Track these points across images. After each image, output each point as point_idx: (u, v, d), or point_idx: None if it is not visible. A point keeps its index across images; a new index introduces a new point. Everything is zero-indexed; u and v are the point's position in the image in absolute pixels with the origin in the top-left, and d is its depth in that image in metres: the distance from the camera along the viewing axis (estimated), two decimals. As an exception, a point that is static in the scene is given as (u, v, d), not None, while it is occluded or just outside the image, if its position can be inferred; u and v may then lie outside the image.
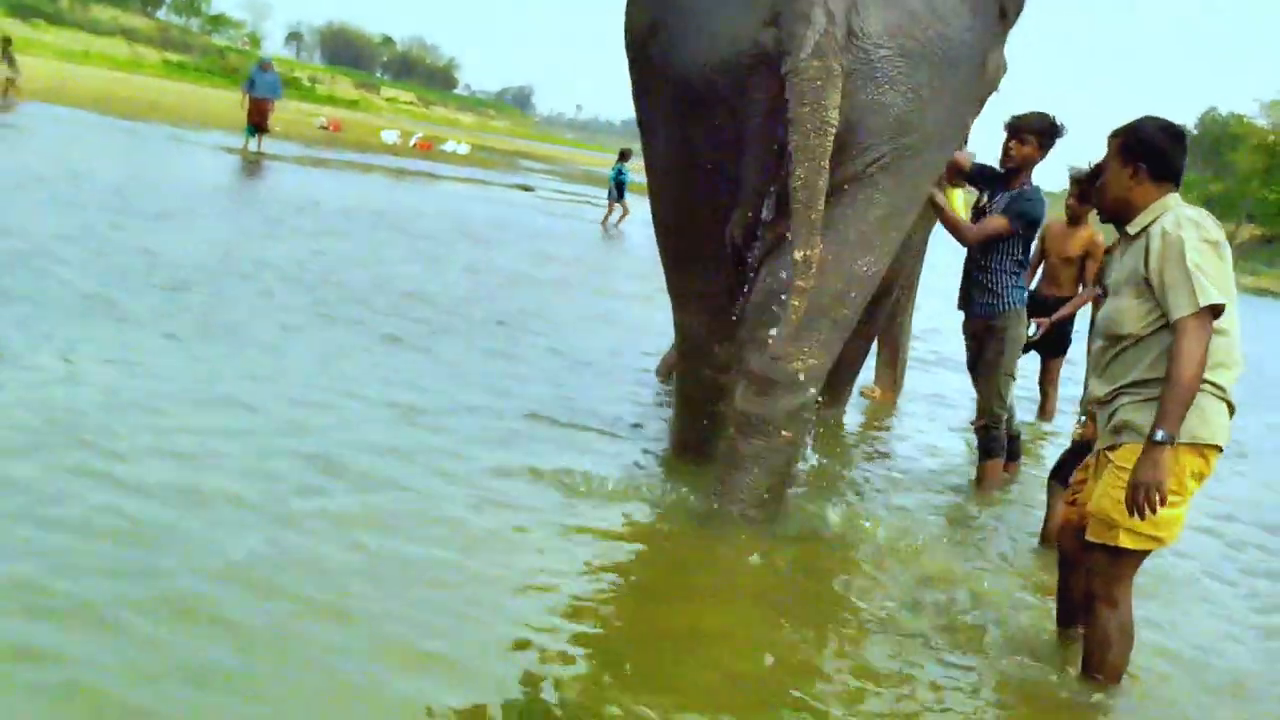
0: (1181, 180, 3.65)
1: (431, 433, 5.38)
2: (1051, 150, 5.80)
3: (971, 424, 6.38)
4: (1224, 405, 3.53)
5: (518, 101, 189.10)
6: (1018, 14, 5.64)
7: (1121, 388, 3.57)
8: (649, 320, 9.54)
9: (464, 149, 40.75)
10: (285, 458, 4.69)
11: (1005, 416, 5.99)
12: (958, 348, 6.33)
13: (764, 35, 4.08)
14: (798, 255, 3.95)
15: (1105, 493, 3.56)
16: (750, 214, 4.42)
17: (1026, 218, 5.67)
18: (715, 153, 4.41)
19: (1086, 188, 6.08)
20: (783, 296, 4.16)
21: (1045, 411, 8.47)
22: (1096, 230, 7.13)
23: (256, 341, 6.53)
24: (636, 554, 4.42)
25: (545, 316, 9.26)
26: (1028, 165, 5.74)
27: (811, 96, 3.89)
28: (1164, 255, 3.45)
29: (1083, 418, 4.58)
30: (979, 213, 5.96)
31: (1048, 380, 8.41)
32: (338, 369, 6.26)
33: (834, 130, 3.93)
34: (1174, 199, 3.60)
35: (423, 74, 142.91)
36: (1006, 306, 5.80)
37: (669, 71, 4.47)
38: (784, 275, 4.20)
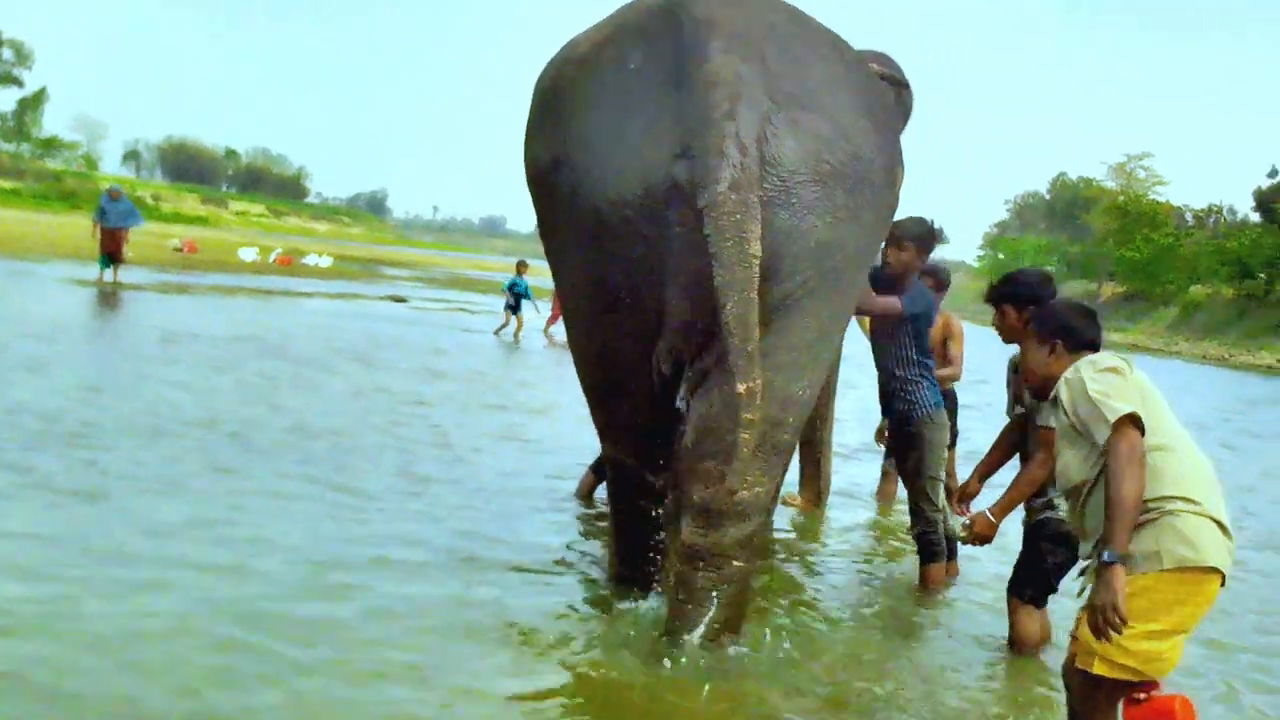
0: (1100, 347, 3.93)
1: (343, 602, 4.89)
2: (930, 253, 6.01)
3: (908, 531, 6.32)
4: (1208, 522, 3.45)
5: (372, 206, 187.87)
6: (906, 121, 6.10)
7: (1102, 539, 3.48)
8: (553, 436, 9.28)
9: (326, 261, 40.13)
10: (202, 629, 4.31)
11: (940, 518, 5.98)
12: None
13: (676, 169, 4.01)
14: (740, 389, 3.85)
15: (1084, 619, 3.51)
16: (676, 345, 4.33)
17: (919, 320, 5.88)
18: (634, 285, 4.29)
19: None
20: (717, 428, 4.17)
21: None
22: (950, 314, 7.23)
23: (184, 491, 6.06)
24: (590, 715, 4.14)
25: (448, 442, 8.91)
26: (908, 272, 5.89)
27: (732, 231, 3.82)
28: (1072, 399, 3.63)
29: (967, 521, 4.69)
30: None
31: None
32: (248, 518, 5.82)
33: (758, 261, 3.86)
34: (1083, 359, 3.80)
35: (271, 185, 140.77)
36: (920, 413, 5.92)
37: (578, 205, 4.35)
38: (717, 407, 4.20)
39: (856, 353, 7.10)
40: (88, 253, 21.39)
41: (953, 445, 7.69)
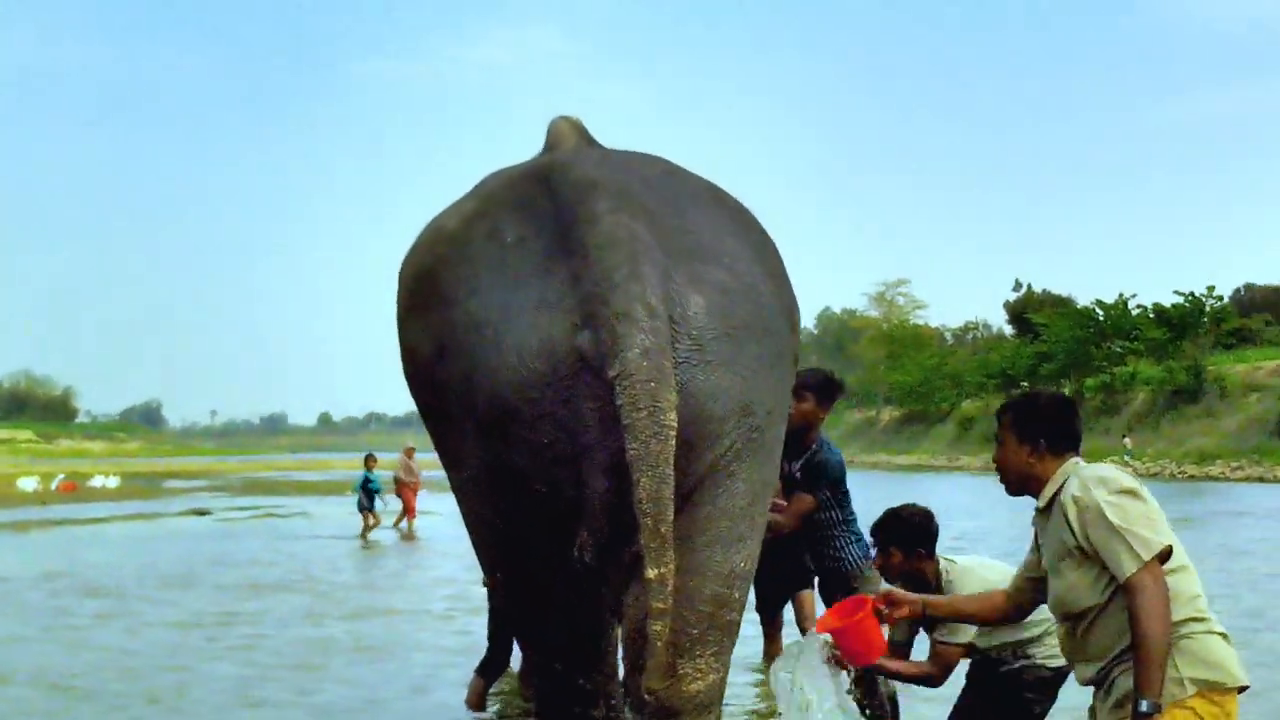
0: (1080, 443, 3.70)
1: None
2: (832, 403, 5.88)
3: (848, 692, 5.95)
4: (1216, 638, 3.39)
5: (146, 418, 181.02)
6: None
7: (1112, 661, 3.41)
8: (433, 641, 9.15)
9: (114, 482, 38.49)
10: None
11: (880, 677, 5.65)
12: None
13: (580, 340, 3.66)
14: (651, 574, 3.49)
15: None
16: (599, 533, 3.92)
17: (829, 478, 5.76)
18: (547, 471, 3.88)
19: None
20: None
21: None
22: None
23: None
24: None
25: (324, 666, 8.52)
26: (812, 423, 5.82)
27: (646, 400, 3.49)
28: (1084, 522, 3.41)
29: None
30: (785, 481, 5.76)
31: (803, 617, 6.77)
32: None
33: (674, 433, 3.53)
34: (1073, 463, 3.62)
35: (38, 408, 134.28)
36: (849, 568, 5.77)
37: (472, 394, 3.95)
38: (641, 595, 3.78)
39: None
40: None
41: (807, 584, 6.88)
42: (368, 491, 19.70)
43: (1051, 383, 63.08)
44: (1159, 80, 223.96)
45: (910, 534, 4.75)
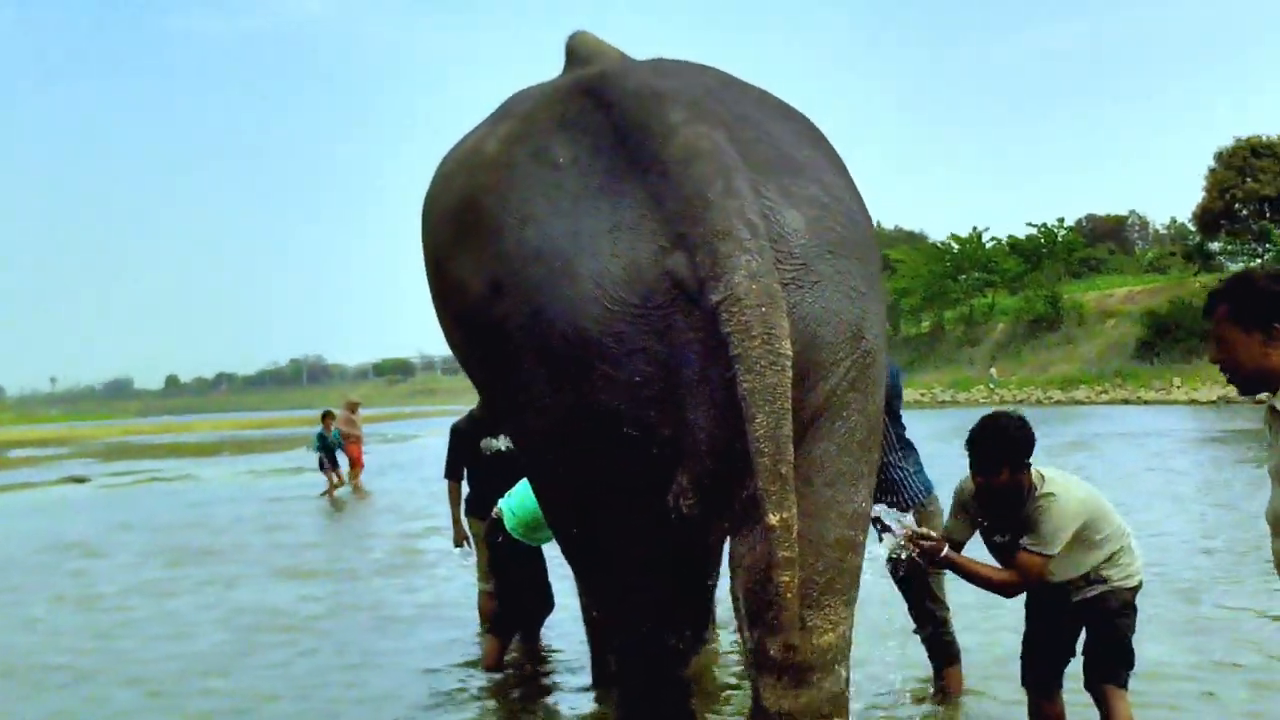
0: None
1: None
2: None
3: (915, 633, 5.76)
4: None
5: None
6: None
7: None
8: (422, 601, 8.80)
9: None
10: None
11: (949, 615, 5.60)
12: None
13: (672, 263, 3.30)
14: (773, 520, 3.18)
15: None
16: (703, 477, 3.55)
17: (893, 400, 5.45)
18: (640, 412, 3.49)
19: None
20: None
21: None
22: None
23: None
24: None
25: (315, 627, 8.11)
26: None
27: (759, 327, 3.16)
28: None
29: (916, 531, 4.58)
30: None
31: None
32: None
33: (790, 362, 3.20)
34: None
35: None
36: (911, 501, 5.46)
37: (542, 333, 3.55)
38: (763, 543, 3.43)
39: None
40: None
41: None
42: (327, 448, 18.75)
43: (912, 317, 64.85)
44: (1003, 16, 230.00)
45: (1022, 447, 4.44)
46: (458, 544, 7.50)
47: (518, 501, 6.21)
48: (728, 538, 3.65)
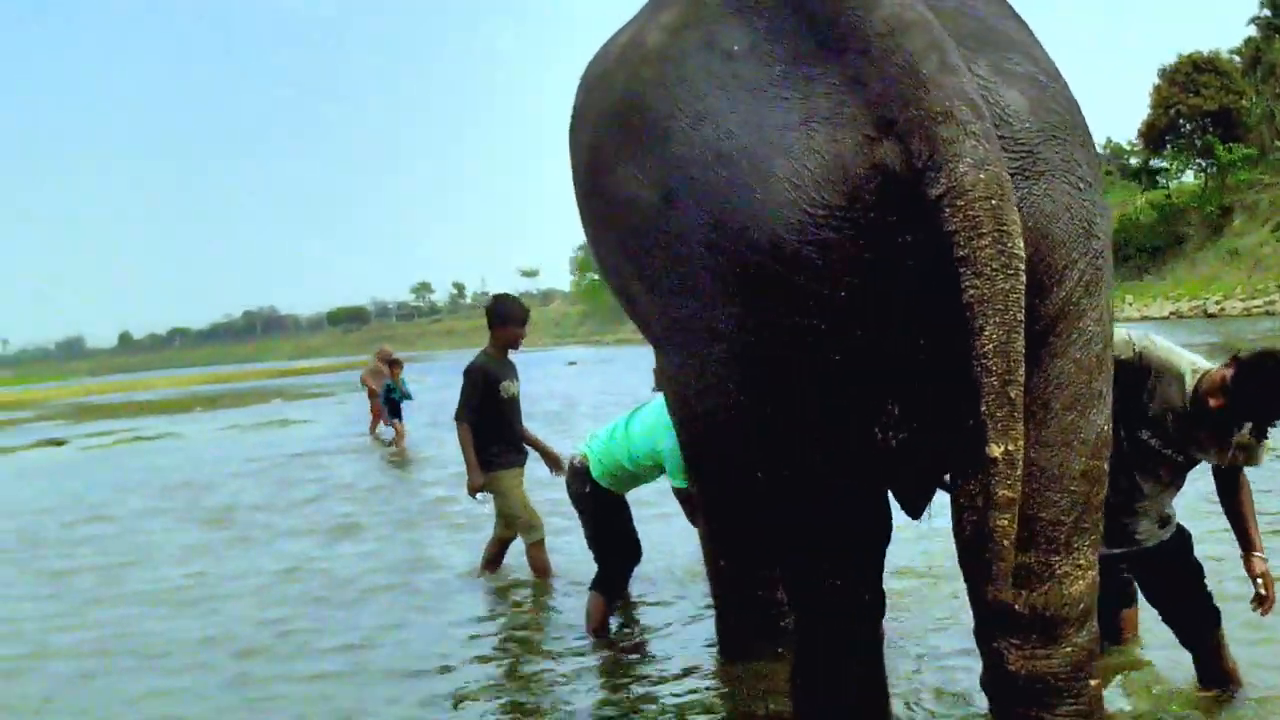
0: None
1: None
2: None
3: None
4: None
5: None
6: None
7: None
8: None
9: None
10: None
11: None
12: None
13: (882, 153, 2.86)
14: (995, 451, 2.79)
15: None
16: (915, 402, 3.18)
17: None
18: (843, 330, 3.04)
19: None
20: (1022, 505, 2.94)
21: None
22: None
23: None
24: None
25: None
26: None
27: (989, 224, 2.74)
28: None
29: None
30: None
31: None
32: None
33: (1024, 264, 2.78)
34: None
35: None
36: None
37: (728, 245, 3.09)
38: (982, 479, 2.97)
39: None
40: None
41: None
42: (391, 400, 17.92)
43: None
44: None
45: None
46: (473, 491, 7.20)
47: (603, 448, 5.81)
48: (946, 475, 3.33)
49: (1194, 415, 4.10)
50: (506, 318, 7.16)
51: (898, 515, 3.58)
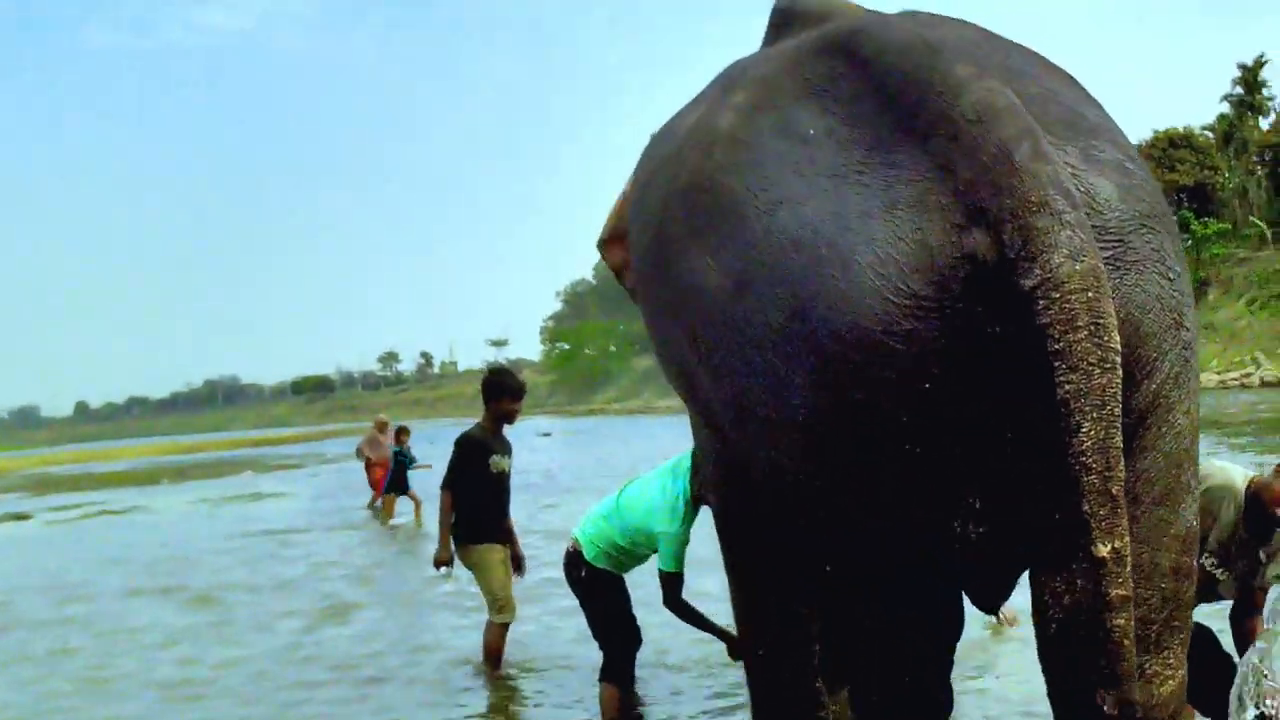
0: None
1: None
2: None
3: None
4: None
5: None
6: None
7: None
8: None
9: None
10: None
11: None
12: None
13: (972, 241, 2.77)
14: (1103, 550, 2.70)
15: None
16: (999, 500, 3.00)
17: None
18: (924, 427, 2.92)
19: None
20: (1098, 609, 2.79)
21: None
22: None
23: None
24: None
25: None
26: None
27: (1085, 317, 2.67)
28: None
29: None
30: None
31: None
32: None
33: (1120, 359, 2.72)
34: None
35: None
36: None
37: (805, 334, 2.98)
38: (1088, 580, 2.80)
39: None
40: None
41: None
42: (401, 469, 16.79)
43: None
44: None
45: None
46: (438, 564, 7.05)
47: (596, 529, 5.79)
48: (1026, 572, 3.09)
49: (1256, 527, 4.12)
50: (501, 391, 7.07)
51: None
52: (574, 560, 5.85)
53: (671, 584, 5.48)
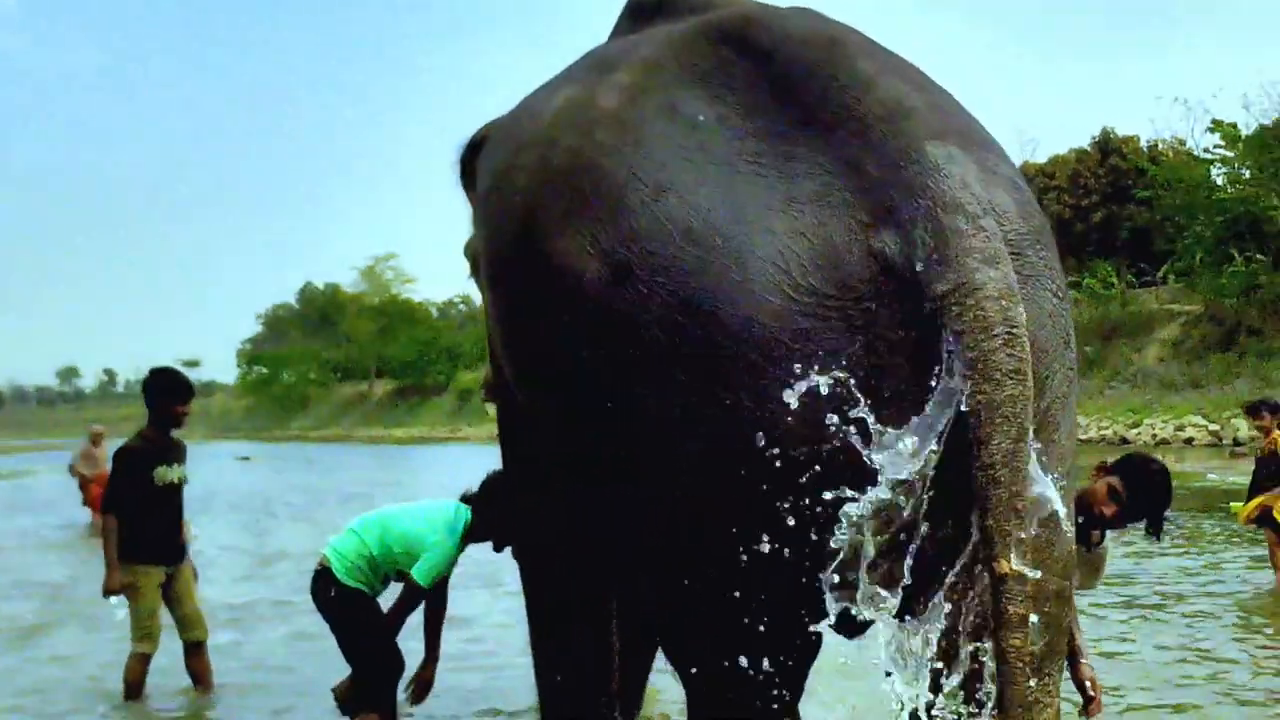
0: None
1: None
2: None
3: None
4: None
5: None
6: None
7: None
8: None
9: None
10: None
11: None
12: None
13: (878, 243, 2.67)
14: (1005, 568, 2.55)
15: None
16: (903, 516, 2.73)
17: None
18: (813, 429, 2.68)
19: None
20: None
21: None
22: None
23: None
24: None
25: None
26: None
27: (1000, 325, 2.57)
28: None
29: None
30: None
31: None
32: None
33: (1031, 370, 2.61)
34: None
35: None
36: None
37: (696, 330, 2.78)
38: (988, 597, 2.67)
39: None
40: None
41: None
42: None
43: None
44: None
45: None
46: (108, 593, 6.24)
47: (346, 543, 5.32)
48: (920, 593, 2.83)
49: (1085, 532, 4.31)
50: (165, 392, 6.41)
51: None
52: (322, 580, 5.33)
53: (415, 600, 5.29)
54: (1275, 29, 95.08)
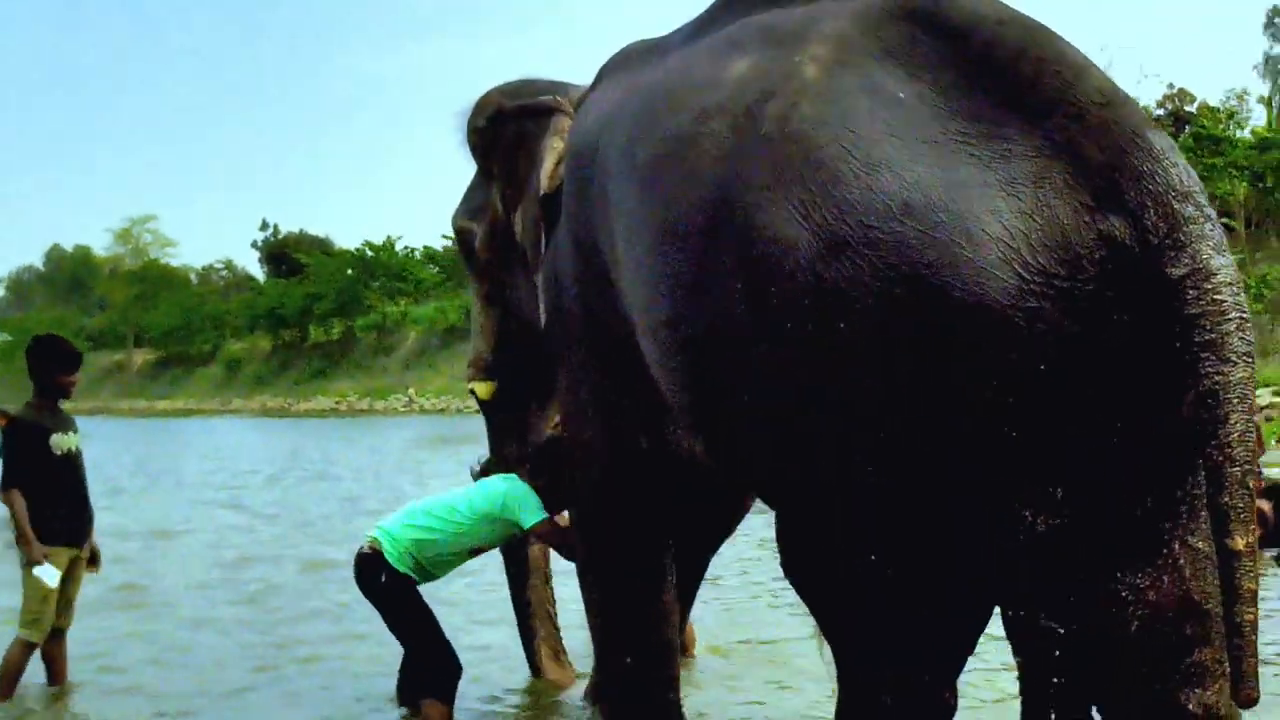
0: None
1: None
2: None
3: None
4: None
5: None
6: None
7: None
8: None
9: None
10: None
11: None
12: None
13: (1109, 226, 2.70)
14: (1239, 544, 2.61)
15: None
16: (1089, 493, 2.88)
17: None
18: (1029, 411, 2.79)
19: None
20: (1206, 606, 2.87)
21: None
22: None
23: None
24: None
25: None
26: None
27: (1234, 310, 2.64)
28: None
29: None
30: None
31: None
32: None
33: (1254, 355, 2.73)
34: None
35: None
36: None
37: (914, 306, 2.81)
38: (1200, 573, 2.90)
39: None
40: None
41: None
42: None
43: (324, 322, 63.88)
44: (369, 34, 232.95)
45: None
46: (38, 561, 5.90)
47: (399, 526, 5.09)
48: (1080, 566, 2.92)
49: None
50: (51, 359, 6.21)
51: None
52: (369, 565, 5.08)
53: (554, 533, 5.08)
54: None
